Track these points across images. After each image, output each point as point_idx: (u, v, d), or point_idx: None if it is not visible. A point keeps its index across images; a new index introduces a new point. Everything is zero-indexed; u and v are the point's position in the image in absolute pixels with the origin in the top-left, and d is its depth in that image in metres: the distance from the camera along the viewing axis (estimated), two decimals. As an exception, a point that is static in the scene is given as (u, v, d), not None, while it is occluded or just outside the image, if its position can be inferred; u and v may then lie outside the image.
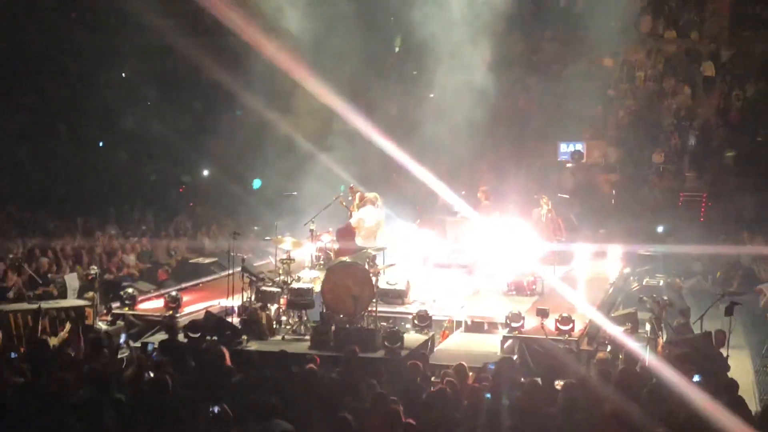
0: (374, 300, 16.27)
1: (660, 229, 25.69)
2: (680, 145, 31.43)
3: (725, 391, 11.03)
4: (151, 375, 10.74)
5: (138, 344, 15.21)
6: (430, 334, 16.06)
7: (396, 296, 17.85)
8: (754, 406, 11.87)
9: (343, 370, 11.78)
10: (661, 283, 19.32)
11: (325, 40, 29.92)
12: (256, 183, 25.67)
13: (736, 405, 10.57)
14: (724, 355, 15.09)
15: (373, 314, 16.22)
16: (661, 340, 15.33)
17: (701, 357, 13.73)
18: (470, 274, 19.71)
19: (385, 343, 14.60)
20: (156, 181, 29.73)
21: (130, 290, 17.64)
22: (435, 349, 15.66)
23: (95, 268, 19.37)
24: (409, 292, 18.15)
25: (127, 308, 17.05)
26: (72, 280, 17.86)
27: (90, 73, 29.81)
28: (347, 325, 15.47)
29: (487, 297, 18.63)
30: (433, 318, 16.47)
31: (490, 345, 15.61)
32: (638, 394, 10.79)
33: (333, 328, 15.27)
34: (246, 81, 30.09)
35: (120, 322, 16.24)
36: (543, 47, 35.50)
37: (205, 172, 30.60)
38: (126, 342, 15.28)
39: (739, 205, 28.01)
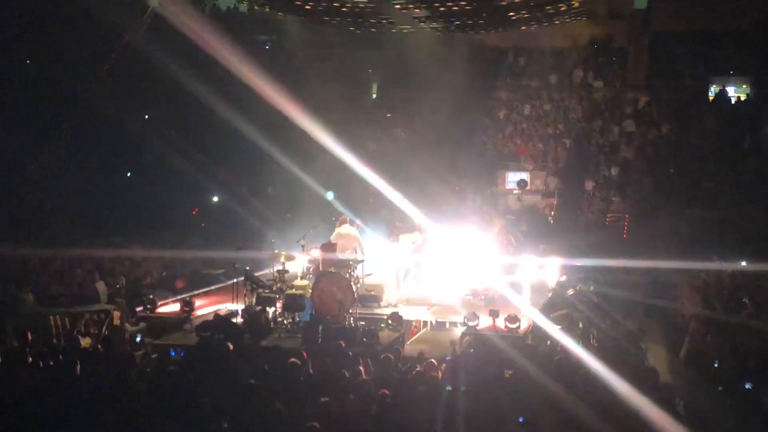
0: (355, 304, 16.30)
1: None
2: (607, 175, 31.61)
3: (646, 378, 11.05)
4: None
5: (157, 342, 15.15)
6: (401, 331, 16.05)
7: (373, 301, 17.88)
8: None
9: (330, 361, 11.76)
10: (591, 288, 19.35)
11: (317, 88, 30.02)
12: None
13: (659, 390, 10.60)
14: (643, 348, 15.17)
15: (354, 316, 16.24)
16: (592, 337, 15.34)
17: (624, 351, 13.76)
18: (435, 282, 19.70)
19: (364, 339, 14.58)
20: (173, 204, 29.63)
21: (151, 296, 17.56)
22: (405, 344, 15.63)
23: (123, 278, 19.35)
24: (383, 297, 18.19)
25: (149, 312, 16.98)
26: (102, 288, 17.78)
27: (118, 115, 29.73)
28: (333, 325, 15.44)
29: (448, 301, 18.63)
30: (404, 318, 16.48)
31: (450, 341, 15.58)
32: (572, 381, 10.81)
33: (321, 327, 15.24)
34: (250, 122, 30.14)
35: (142, 324, 16.12)
36: (495, 95, 35.72)
37: (215, 198, 30.52)
38: (143, 341, 15.16)
39: (656, 225, 28.10)
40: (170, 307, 17.63)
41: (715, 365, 12.28)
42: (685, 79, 34.30)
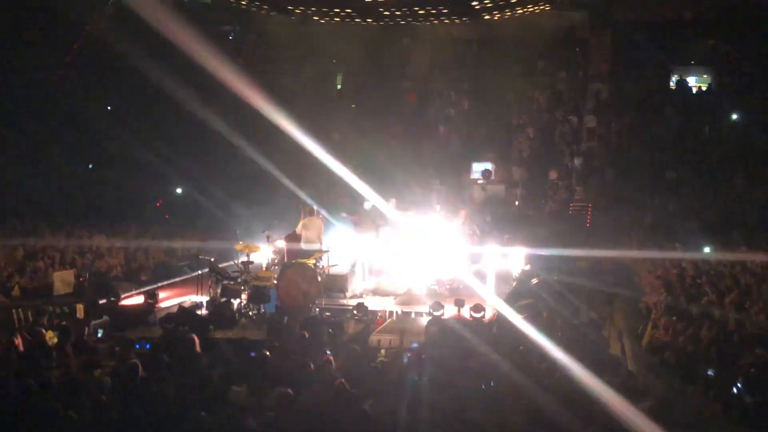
0: (320, 295, 16.30)
1: None
2: (570, 165, 31.82)
3: (610, 366, 11.17)
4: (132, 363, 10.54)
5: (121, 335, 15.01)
6: (367, 322, 16.07)
7: (338, 291, 17.90)
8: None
9: (295, 352, 11.75)
10: (555, 278, 19.49)
11: (281, 78, 29.93)
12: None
13: (622, 377, 10.72)
14: (606, 336, 15.32)
15: (320, 306, 16.24)
16: (556, 326, 15.45)
17: (587, 339, 13.88)
18: (400, 272, 19.74)
19: (330, 330, 14.57)
20: (137, 196, 29.43)
21: (114, 288, 17.43)
22: (371, 335, 15.65)
23: (86, 270, 19.18)
24: (348, 288, 18.21)
25: (112, 304, 16.83)
26: (62, 278, 17.61)
27: (81, 106, 29.45)
28: (298, 316, 15.42)
29: (414, 291, 18.68)
30: (369, 309, 16.50)
31: (416, 330, 15.64)
32: (536, 370, 10.91)
33: (286, 318, 15.22)
34: (215, 112, 29.95)
35: (106, 317, 15.99)
36: (459, 85, 35.81)
37: (179, 189, 30.34)
38: (106, 334, 15.01)
39: (618, 214, 28.34)
40: (134, 300, 17.50)
41: (675, 353, 12.42)
42: (646, 69, 34.58)
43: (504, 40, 36.15)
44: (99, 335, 14.64)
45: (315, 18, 29.63)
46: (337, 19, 29.05)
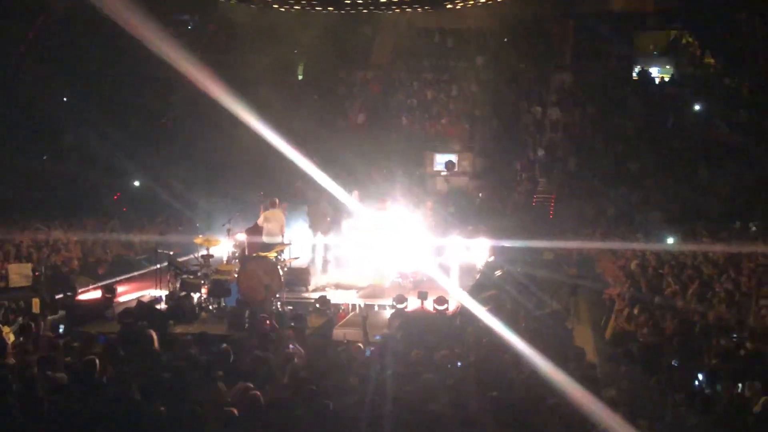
0: (282, 288, 16.26)
1: None
2: (533, 156, 32.00)
3: (574, 357, 11.24)
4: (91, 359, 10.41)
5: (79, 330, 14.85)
6: (330, 315, 16.04)
7: (300, 284, 17.86)
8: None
9: (257, 347, 11.70)
10: (519, 269, 19.60)
11: (241, 69, 29.72)
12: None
13: (585, 368, 10.78)
14: (569, 328, 15.44)
15: (282, 300, 16.19)
16: (520, 317, 15.52)
17: (551, 330, 13.97)
18: (363, 265, 19.74)
19: (292, 324, 14.51)
20: (94, 188, 29.15)
21: (71, 283, 17.25)
22: (334, 328, 15.62)
23: (41, 264, 18.96)
24: (311, 281, 18.19)
25: (69, 299, 16.65)
26: (18, 271, 17.38)
27: (35, 96, 29.08)
28: (259, 310, 15.35)
29: (376, 283, 18.69)
30: (332, 302, 16.47)
31: (379, 323, 15.64)
32: (500, 362, 10.95)
33: (247, 312, 15.14)
34: (175, 102, 29.76)
35: (62, 311, 15.81)
36: (422, 76, 35.88)
37: (137, 182, 30.09)
38: (66, 329, 14.84)
39: (581, 205, 28.57)
40: (91, 294, 17.31)
41: (639, 344, 12.54)
42: (609, 60, 34.86)
43: (467, 30, 36.31)
44: (60, 330, 14.48)
45: (275, 6, 29.47)
46: (298, 7, 28.90)
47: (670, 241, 23.23)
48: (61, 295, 16.43)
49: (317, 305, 16.18)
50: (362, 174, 28.21)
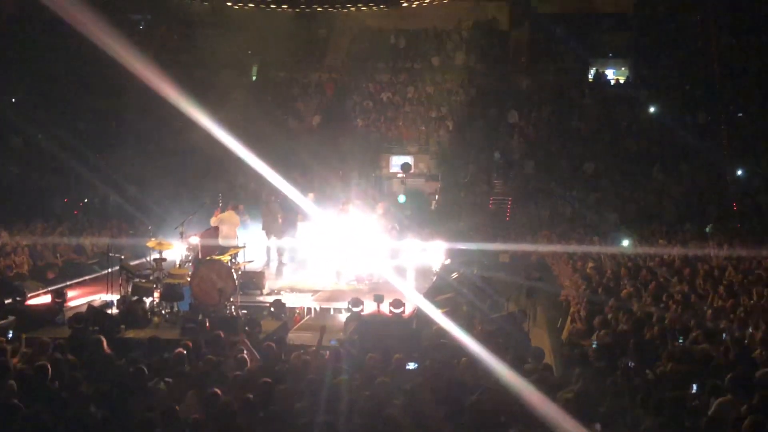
0: (236, 292, 16.19)
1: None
2: (490, 158, 32.19)
3: (532, 359, 11.31)
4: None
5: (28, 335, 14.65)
6: (285, 319, 16.01)
7: (254, 288, 17.81)
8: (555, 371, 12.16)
9: (210, 352, 11.63)
10: (475, 272, 19.69)
11: (194, 69, 29.57)
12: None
13: (542, 370, 10.86)
14: (526, 330, 15.52)
15: (236, 304, 16.13)
16: (476, 320, 15.59)
17: (507, 333, 14.04)
18: (319, 268, 19.74)
19: (246, 328, 14.45)
20: (43, 191, 28.79)
21: (20, 288, 17.01)
22: (289, 333, 15.57)
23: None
24: (265, 285, 18.14)
25: (18, 303, 16.41)
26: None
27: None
28: (213, 314, 15.27)
29: (332, 287, 18.69)
30: (287, 306, 16.44)
31: (335, 327, 15.63)
32: (456, 364, 11.00)
33: (200, 316, 15.06)
34: (126, 104, 29.47)
35: (11, 317, 15.59)
36: (376, 77, 35.93)
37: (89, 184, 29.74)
38: (16, 335, 14.62)
39: (538, 207, 28.80)
40: (41, 299, 17.10)
41: (594, 345, 12.65)
42: (565, 62, 35.16)
43: (423, 32, 36.46)
44: (9, 336, 14.25)
45: (228, 3, 29.29)
46: (252, 5, 28.76)
47: (626, 243, 23.48)
48: (9, 300, 16.18)
49: (272, 309, 16.16)
50: (317, 176, 28.21)
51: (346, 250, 19.29)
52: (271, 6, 29.45)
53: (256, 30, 31.60)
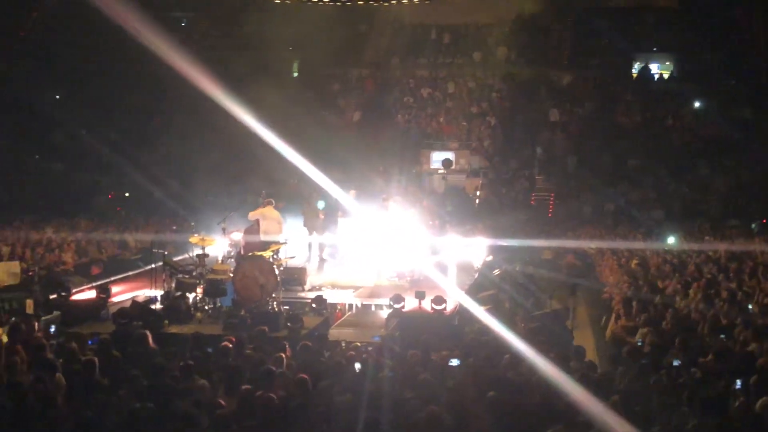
0: (278, 288, 16.25)
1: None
2: (532, 154, 32.02)
3: (574, 357, 11.25)
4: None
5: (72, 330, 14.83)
6: (326, 315, 16.04)
7: (296, 284, 17.85)
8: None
9: (253, 347, 11.71)
10: (517, 268, 19.61)
11: (235, 67, 29.71)
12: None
13: (588, 367, 10.80)
14: (569, 327, 15.45)
15: (278, 300, 16.19)
16: (518, 317, 15.54)
17: (550, 330, 13.98)
18: (360, 264, 19.76)
19: (288, 324, 14.51)
20: (87, 187, 29.15)
21: (65, 283, 17.22)
22: (330, 329, 15.61)
23: (35, 264, 18.95)
24: (307, 280, 18.19)
25: (63, 299, 16.61)
26: (6, 270, 17.34)
27: (27, 95, 29.07)
28: (255, 310, 15.36)
29: (373, 283, 18.71)
30: (328, 302, 16.48)
31: (376, 324, 15.66)
32: (498, 362, 10.96)
33: (243, 312, 15.15)
34: (168, 101, 29.70)
35: (57, 312, 15.80)
36: (417, 73, 35.88)
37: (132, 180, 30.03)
38: (58, 330, 14.80)
39: (580, 204, 28.62)
40: (86, 294, 17.29)
41: (639, 343, 12.55)
42: (608, 57, 34.86)
43: (464, 27, 36.34)
44: (52, 331, 14.44)
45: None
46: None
47: (671, 239, 23.26)
48: (54, 296, 16.40)
49: (313, 305, 16.20)
50: (358, 172, 28.25)
51: (386, 246, 19.28)
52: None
53: (297, 26, 31.68)
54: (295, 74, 36.71)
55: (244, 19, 34.62)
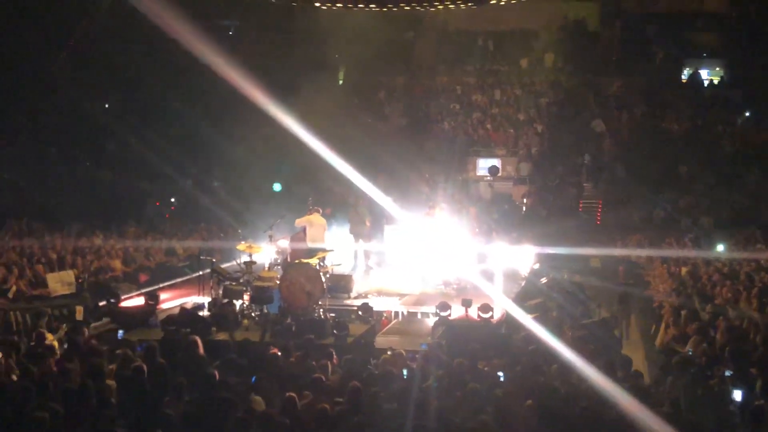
0: (324, 295, 16.32)
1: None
2: (579, 161, 31.81)
3: (621, 366, 11.17)
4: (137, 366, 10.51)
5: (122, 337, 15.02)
6: (372, 323, 16.07)
7: (342, 291, 17.91)
8: (646, 378, 11.99)
9: (300, 355, 11.78)
10: (565, 276, 19.50)
11: (282, 74, 29.90)
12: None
13: (632, 378, 10.73)
14: (618, 336, 15.33)
15: (324, 307, 16.26)
16: (566, 326, 15.45)
17: (598, 339, 13.89)
18: (405, 272, 19.77)
19: (334, 331, 14.57)
20: (135, 195, 29.49)
21: (114, 290, 17.44)
22: (377, 336, 15.64)
23: (84, 271, 19.21)
24: (353, 288, 18.24)
25: (112, 306, 16.83)
26: (60, 279, 17.58)
27: (79, 104, 29.50)
28: (302, 317, 15.44)
29: (419, 290, 18.70)
30: (375, 309, 16.50)
31: (423, 331, 15.65)
32: (547, 371, 10.92)
33: (290, 319, 15.24)
34: (216, 109, 29.97)
35: (106, 318, 16.02)
36: (463, 79, 35.84)
37: (180, 187, 30.36)
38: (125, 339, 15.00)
39: (629, 211, 28.38)
40: (134, 301, 17.50)
41: (689, 352, 12.43)
42: (657, 62, 34.57)
43: (511, 33, 36.24)
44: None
45: (316, 4, 29.50)
46: (339, 5, 28.91)
47: (720, 247, 22.98)
48: (104, 302, 16.62)
49: (359, 312, 16.23)
50: (403, 179, 28.29)
51: (433, 253, 19.28)
52: (359, 5, 29.48)
53: (343, 34, 31.80)
54: (341, 82, 36.84)
55: (290, 27, 34.81)
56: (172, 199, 30.09)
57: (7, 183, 28.42)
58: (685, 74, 34.78)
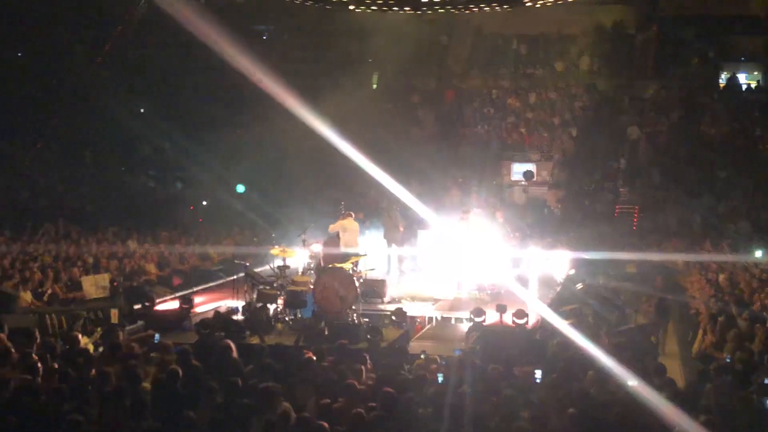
0: (357, 300, 16.36)
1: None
2: (615, 165, 31.60)
3: (655, 373, 11.10)
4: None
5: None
6: (406, 328, 16.08)
7: (375, 296, 17.94)
8: (683, 385, 11.90)
9: (334, 359, 11.81)
10: (601, 282, 19.39)
11: (316, 79, 30.01)
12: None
13: (667, 385, 10.65)
14: (654, 343, 15.21)
15: (357, 312, 16.30)
16: (602, 332, 15.36)
17: (635, 345, 13.79)
18: (439, 277, 19.77)
19: (368, 336, 14.59)
20: (169, 199, 29.71)
21: (149, 293, 17.59)
22: (410, 341, 15.64)
23: (119, 275, 19.40)
24: (386, 293, 18.25)
25: (146, 309, 16.97)
26: (95, 282, 17.73)
27: (112, 108, 29.79)
28: (335, 322, 15.48)
29: (453, 296, 18.69)
30: (408, 314, 16.51)
31: (457, 337, 15.64)
32: (582, 377, 10.87)
33: (323, 324, 15.28)
34: (250, 114, 30.12)
35: (140, 322, 16.16)
36: (498, 83, 35.69)
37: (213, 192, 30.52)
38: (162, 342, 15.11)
39: (666, 216, 28.14)
40: (169, 305, 17.63)
41: (727, 360, 12.31)
42: (694, 66, 34.27)
43: (545, 36, 36.10)
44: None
45: (350, 7, 29.57)
46: (374, 8, 28.95)
47: (758, 252, 22.75)
48: (139, 306, 16.76)
49: (393, 317, 16.25)
50: (437, 184, 28.28)
51: (467, 259, 19.25)
52: (393, 9, 29.46)
53: (376, 37, 31.85)
54: (375, 86, 36.86)
55: (324, 31, 34.93)
56: (204, 203, 30.26)
57: (43, 187, 28.80)
58: (723, 78, 34.45)
